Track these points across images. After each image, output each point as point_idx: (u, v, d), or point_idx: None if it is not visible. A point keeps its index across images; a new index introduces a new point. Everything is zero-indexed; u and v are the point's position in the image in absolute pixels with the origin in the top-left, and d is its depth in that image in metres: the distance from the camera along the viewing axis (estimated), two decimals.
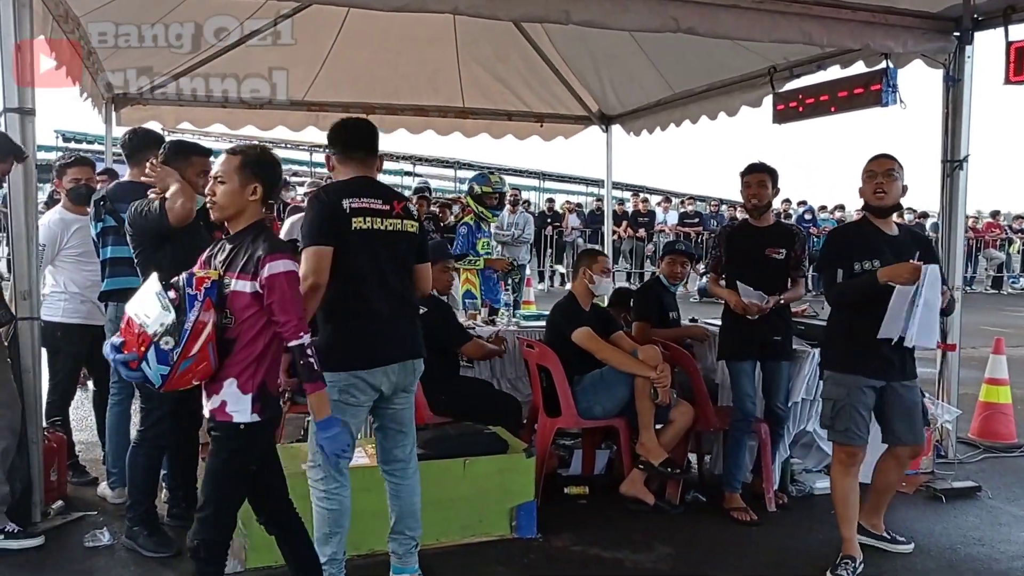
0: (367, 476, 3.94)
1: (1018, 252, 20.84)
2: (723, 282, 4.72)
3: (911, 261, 3.61)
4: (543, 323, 5.38)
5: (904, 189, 3.85)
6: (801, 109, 6.00)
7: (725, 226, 5.32)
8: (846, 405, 3.76)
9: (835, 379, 3.85)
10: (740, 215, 19.72)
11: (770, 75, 6.21)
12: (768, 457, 4.66)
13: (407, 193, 10.47)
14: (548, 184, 29.55)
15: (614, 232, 13.72)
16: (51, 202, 5.40)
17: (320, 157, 24.50)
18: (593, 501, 4.73)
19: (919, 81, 5.72)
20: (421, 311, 3.68)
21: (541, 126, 8.84)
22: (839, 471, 3.90)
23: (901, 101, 5.35)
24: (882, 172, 3.79)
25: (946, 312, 4.00)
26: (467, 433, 4.27)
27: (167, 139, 4.33)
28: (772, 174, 4.63)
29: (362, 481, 3.92)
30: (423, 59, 7.83)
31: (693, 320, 5.76)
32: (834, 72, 5.88)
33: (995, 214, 21.30)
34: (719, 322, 4.86)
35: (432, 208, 10.30)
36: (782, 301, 4.52)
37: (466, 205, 6.80)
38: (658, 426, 4.58)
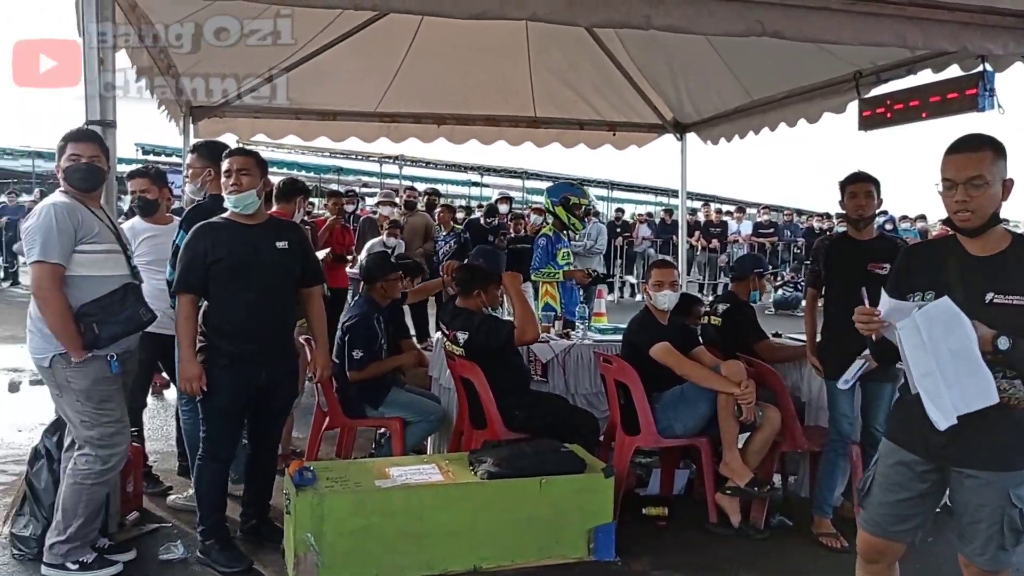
0: (440, 494, 3.86)
1: None
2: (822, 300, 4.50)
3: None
4: (619, 337, 5.23)
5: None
6: (889, 115, 5.74)
7: (823, 239, 5.10)
8: (873, 478, 2.80)
9: (883, 447, 2.84)
10: (817, 224, 19.31)
11: (855, 80, 5.96)
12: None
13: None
14: (616, 194, 29.35)
15: (687, 243, 13.45)
16: (130, 213, 5.48)
17: (391, 168, 24.78)
18: (673, 523, 4.56)
19: (1018, 85, 5.43)
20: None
21: (614, 135, 8.68)
22: (858, 567, 2.94)
23: (999, 106, 5.06)
24: (965, 181, 2.56)
25: None
26: (543, 451, 4.14)
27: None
28: (877, 184, 4.41)
29: (435, 499, 3.86)
30: (494, 69, 7.77)
31: (776, 335, 5.54)
32: (925, 76, 5.61)
33: None
34: (802, 338, 4.65)
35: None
36: None
37: (547, 215, 6.67)
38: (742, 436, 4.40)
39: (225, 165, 3.87)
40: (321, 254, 6.37)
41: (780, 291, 15.32)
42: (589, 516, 4.02)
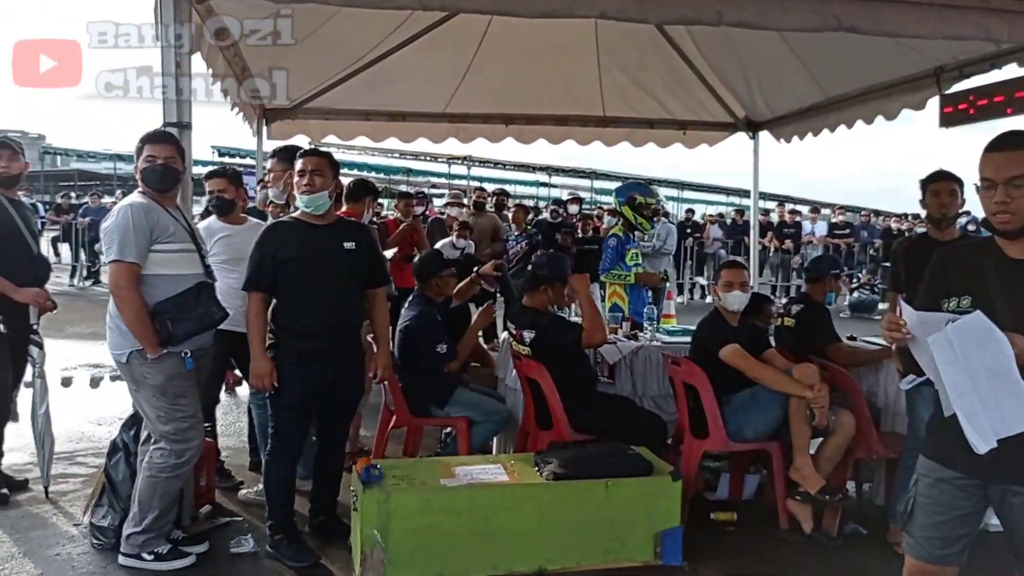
0: (506, 494, 3.85)
1: None
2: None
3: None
4: (688, 339, 5.15)
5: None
6: (972, 111, 5.53)
7: (902, 240, 4.94)
8: (915, 500, 2.62)
9: (921, 464, 2.64)
10: (895, 225, 18.76)
11: (936, 76, 5.76)
12: None
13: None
14: (687, 194, 29.02)
15: (760, 243, 13.20)
16: (206, 213, 5.61)
17: (459, 169, 24.94)
18: (742, 529, 4.47)
19: None
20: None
21: (684, 134, 8.58)
22: None
23: None
24: (1006, 181, 2.42)
25: None
26: (610, 453, 4.09)
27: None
28: (960, 183, 4.24)
29: (501, 499, 3.85)
30: (563, 68, 7.73)
31: (852, 338, 5.38)
32: (1010, 71, 5.39)
33: None
34: (878, 341, 4.50)
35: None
36: None
37: (617, 215, 6.59)
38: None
39: (299, 165, 3.92)
40: (389, 253, 6.42)
41: (856, 293, 14.92)
42: (656, 520, 3.96)
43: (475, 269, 5.72)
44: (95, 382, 8.23)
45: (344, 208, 5.23)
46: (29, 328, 4.59)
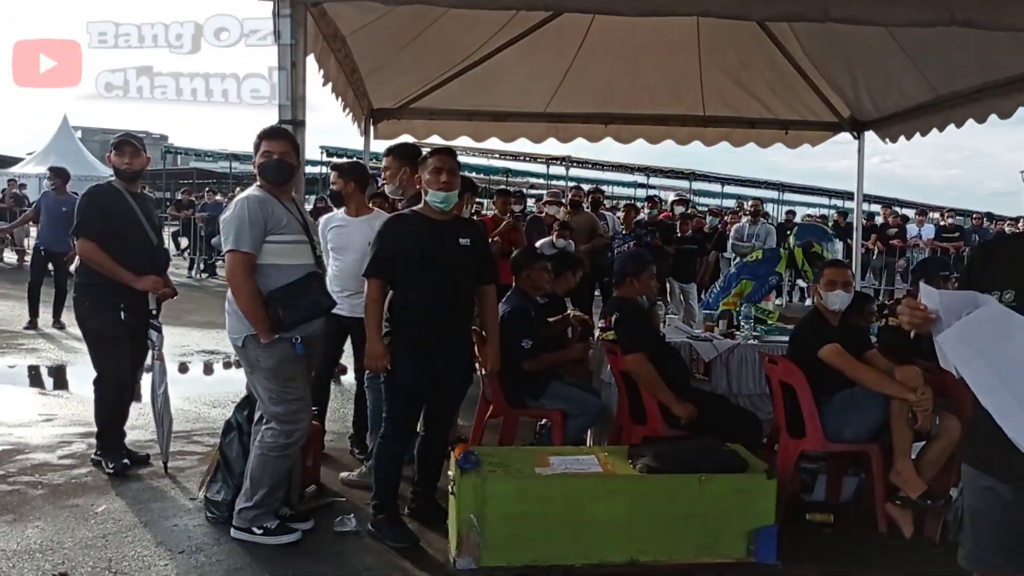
0: (599, 485, 3.91)
1: None
2: None
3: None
4: (785, 338, 5.10)
5: None
6: None
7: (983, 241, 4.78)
8: (963, 511, 2.46)
9: (964, 472, 2.48)
10: (1008, 229, 17.91)
11: None
12: None
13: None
14: (788, 196, 28.39)
15: (863, 246, 12.84)
16: (316, 211, 5.90)
17: (557, 169, 25.05)
18: (839, 530, 4.39)
19: None
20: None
21: (786, 134, 8.47)
22: None
23: None
24: None
25: None
26: (704, 448, 4.10)
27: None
28: None
29: (594, 489, 3.91)
30: (664, 68, 7.74)
31: None
32: None
33: None
34: None
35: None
36: None
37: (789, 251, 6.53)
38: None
39: (435, 163, 4.04)
40: None
41: None
42: (750, 517, 3.94)
43: (568, 313, 5.80)
44: (209, 368, 8.64)
45: None
46: (148, 314, 4.89)
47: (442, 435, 4.31)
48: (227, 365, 8.55)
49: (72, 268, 5.69)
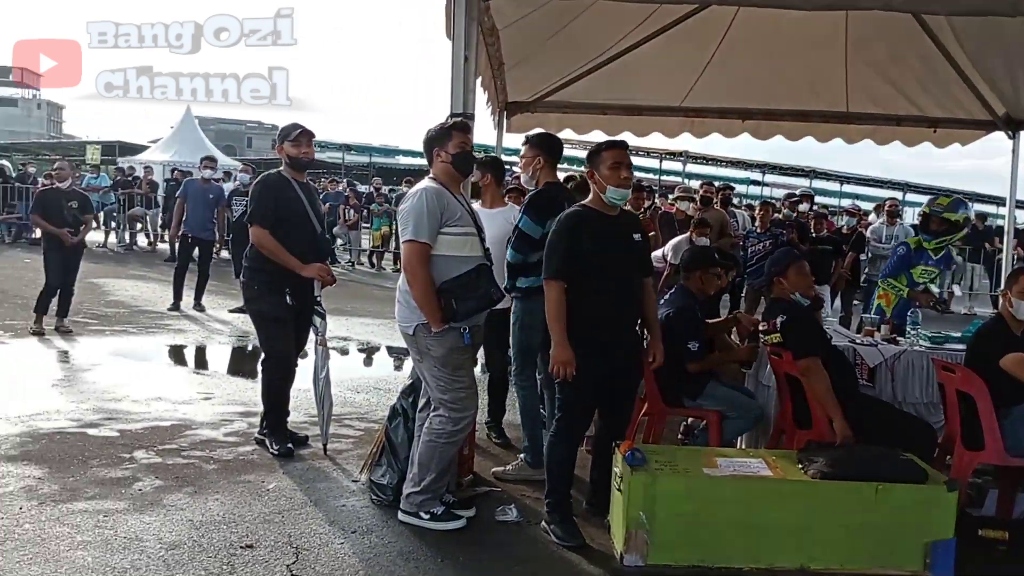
0: (772, 488, 3.85)
1: None
2: None
3: None
4: (951, 346, 4.92)
5: None
6: None
7: None
8: None
9: None
10: None
11: None
12: None
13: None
14: (910, 196, 27.36)
15: (1015, 252, 12.26)
16: None
17: (671, 165, 24.72)
18: (1015, 549, 4.20)
19: None
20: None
21: (934, 132, 8.11)
22: None
23: None
24: None
25: None
26: (880, 456, 3.97)
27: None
28: None
29: (766, 493, 3.84)
30: (807, 62, 7.51)
31: None
32: None
33: None
34: None
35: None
36: None
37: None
38: None
39: (615, 157, 4.02)
40: None
41: None
42: (927, 530, 3.81)
43: (735, 313, 5.73)
44: (344, 353, 8.85)
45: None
46: (314, 300, 5.05)
47: (621, 430, 4.27)
48: (361, 350, 8.76)
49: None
